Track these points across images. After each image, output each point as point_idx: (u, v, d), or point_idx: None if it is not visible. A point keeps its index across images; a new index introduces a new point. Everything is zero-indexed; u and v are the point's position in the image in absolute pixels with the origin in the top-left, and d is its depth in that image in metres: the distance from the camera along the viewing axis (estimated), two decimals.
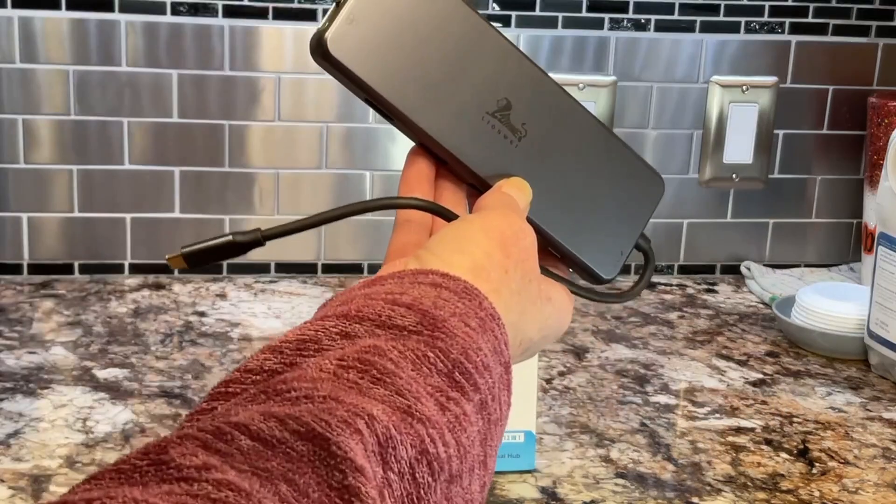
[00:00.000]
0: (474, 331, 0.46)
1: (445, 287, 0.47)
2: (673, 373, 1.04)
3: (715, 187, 1.33)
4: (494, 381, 0.46)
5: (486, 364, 0.45)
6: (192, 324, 1.11)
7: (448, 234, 0.52)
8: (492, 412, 0.45)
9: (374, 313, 0.45)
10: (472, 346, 0.45)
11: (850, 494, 0.82)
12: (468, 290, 0.48)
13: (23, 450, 0.83)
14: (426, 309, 0.45)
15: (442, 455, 0.40)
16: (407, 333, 0.44)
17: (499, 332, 0.48)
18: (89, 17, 1.18)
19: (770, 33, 1.30)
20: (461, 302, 0.47)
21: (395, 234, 0.56)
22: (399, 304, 0.45)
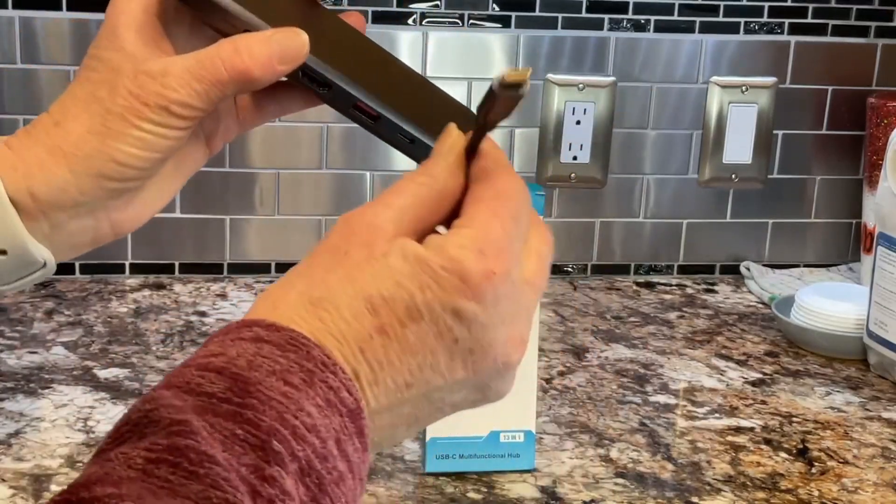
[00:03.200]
0: (296, 389, 0.41)
1: (268, 340, 0.43)
2: (672, 372, 1.04)
3: (714, 187, 1.33)
4: (327, 439, 0.41)
5: (309, 425, 0.41)
6: (192, 324, 1.11)
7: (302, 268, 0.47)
8: (324, 473, 0.41)
9: (183, 381, 0.41)
10: (290, 409, 0.41)
11: (849, 494, 0.82)
12: (293, 341, 0.43)
13: (24, 449, 0.83)
14: (238, 372, 0.41)
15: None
16: (216, 402, 0.40)
17: (334, 381, 0.43)
18: (90, 17, 1.18)
19: (769, 34, 1.30)
20: (284, 356, 0.42)
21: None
22: (210, 368, 0.41)
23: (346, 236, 0.47)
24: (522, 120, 1.27)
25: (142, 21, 0.56)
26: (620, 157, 1.30)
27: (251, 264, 1.26)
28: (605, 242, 1.32)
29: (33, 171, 0.54)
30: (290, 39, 0.54)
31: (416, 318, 0.45)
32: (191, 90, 0.54)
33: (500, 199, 0.48)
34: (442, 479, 0.81)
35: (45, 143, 0.55)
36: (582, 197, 1.30)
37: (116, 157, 0.54)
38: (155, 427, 0.39)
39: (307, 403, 0.41)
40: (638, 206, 1.31)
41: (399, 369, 0.45)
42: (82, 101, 0.55)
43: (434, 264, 0.45)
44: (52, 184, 0.55)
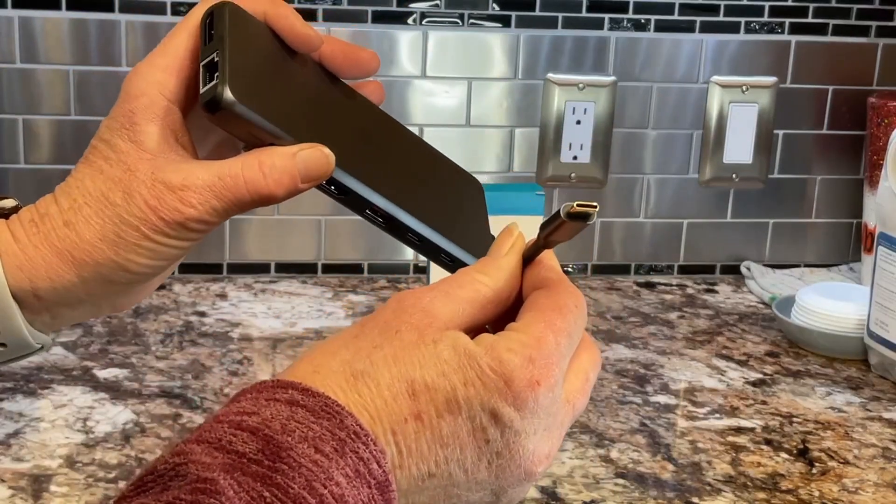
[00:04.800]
0: (327, 457, 0.41)
1: (303, 405, 0.43)
2: (673, 373, 1.04)
3: (715, 187, 1.33)
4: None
5: (337, 495, 0.41)
6: (192, 324, 1.11)
7: (348, 338, 0.47)
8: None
9: (215, 437, 0.41)
10: (319, 478, 0.40)
11: (849, 494, 0.82)
12: (328, 408, 0.43)
13: (23, 450, 0.83)
14: (271, 434, 0.41)
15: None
16: (246, 462, 0.40)
17: (365, 451, 0.42)
18: (89, 17, 1.18)
19: (770, 33, 1.30)
20: (317, 423, 0.42)
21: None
22: (243, 427, 0.41)
23: (399, 316, 0.46)
24: (522, 120, 1.27)
25: (161, 109, 0.53)
26: (621, 157, 1.30)
27: (250, 264, 1.26)
28: (606, 242, 1.32)
29: (40, 273, 0.53)
30: (315, 159, 0.52)
31: (453, 412, 0.45)
32: (209, 207, 0.52)
33: (559, 313, 0.48)
34: None
35: (55, 245, 0.53)
36: (582, 197, 1.30)
37: (126, 266, 0.53)
38: (181, 481, 0.38)
39: (337, 473, 0.41)
40: (638, 205, 1.31)
41: (426, 458, 0.45)
42: (95, 201, 0.53)
43: (482, 362, 0.45)
44: (59, 287, 0.53)
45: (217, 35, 0.52)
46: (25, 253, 0.53)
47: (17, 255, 0.53)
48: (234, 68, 0.51)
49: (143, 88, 0.54)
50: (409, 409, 0.44)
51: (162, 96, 0.53)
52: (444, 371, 0.45)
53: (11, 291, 0.53)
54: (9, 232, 0.53)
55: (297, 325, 1.12)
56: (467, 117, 1.26)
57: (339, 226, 1.27)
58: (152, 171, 0.52)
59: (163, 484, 0.38)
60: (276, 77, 0.54)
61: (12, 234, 0.53)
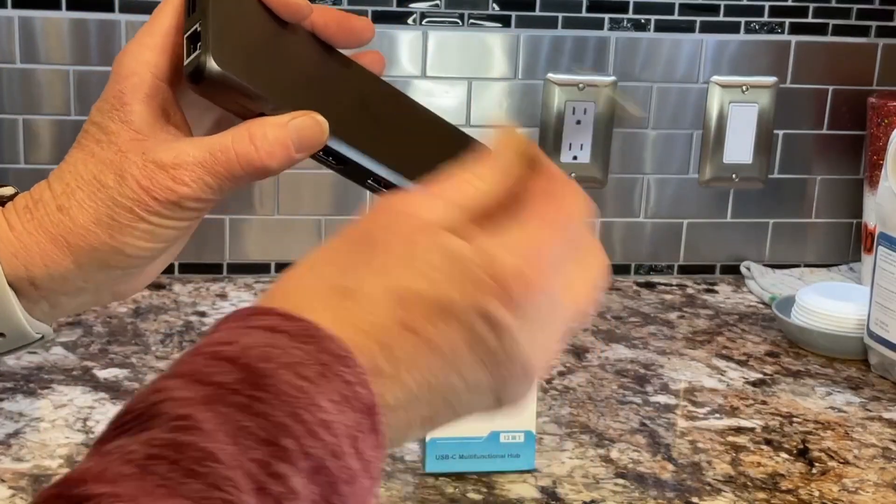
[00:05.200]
0: (311, 382, 0.39)
1: (282, 330, 0.41)
2: (673, 373, 1.04)
3: (715, 187, 1.33)
4: (340, 435, 0.39)
5: (323, 421, 0.39)
6: (192, 324, 1.11)
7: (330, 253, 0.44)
8: (337, 473, 0.39)
9: (192, 369, 0.39)
10: (302, 404, 0.39)
11: (849, 494, 0.82)
12: (308, 331, 0.41)
13: (23, 450, 0.83)
14: (249, 362, 0.39)
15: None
16: (226, 392, 0.38)
17: (350, 374, 0.40)
18: (89, 17, 1.18)
19: (770, 33, 1.30)
20: (298, 348, 0.40)
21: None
22: (221, 356, 0.39)
23: (385, 224, 0.44)
24: (522, 120, 1.27)
25: (151, 87, 0.53)
26: (620, 157, 1.30)
27: (251, 264, 1.26)
28: (606, 242, 1.32)
29: (35, 260, 0.52)
30: (308, 127, 0.51)
31: (446, 318, 0.43)
32: (202, 184, 0.51)
33: (559, 210, 0.46)
34: (442, 480, 0.81)
35: (49, 231, 0.52)
36: None
37: (123, 250, 0.52)
38: (158, 420, 0.37)
39: (321, 398, 0.39)
40: (638, 205, 1.31)
41: (421, 368, 0.43)
42: (87, 184, 0.52)
43: (473, 264, 0.43)
44: (55, 274, 0.53)
45: (200, 6, 0.51)
46: (20, 240, 0.53)
47: (11, 243, 0.53)
48: (216, 37, 0.50)
49: (132, 68, 0.53)
50: (399, 319, 0.42)
51: (152, 75, 0.53)
52: (435, 278, 0.42)
53: (7, 280, 0.52)
54: (3, 219, 0.53)
55: None
56: (467, 117, 1.26)
57: (339, 226, 1.26)
58: (143, 151, 0.51)
59: (141, 423, 0.37)
60: (265, 46, 0.53)
61: (7, 222, 0.53)
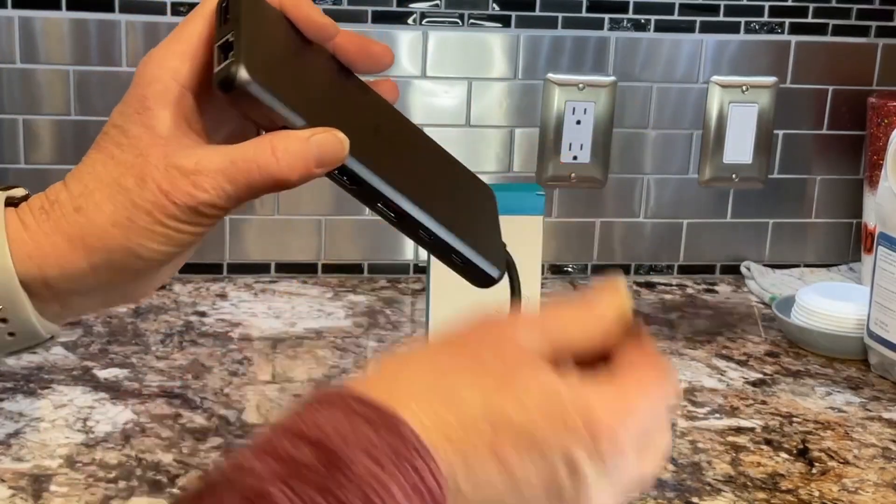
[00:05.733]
0: (384, 469, 0.40)
1: (362, 415, 0.41)
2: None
3: (715, 187, 1.33)
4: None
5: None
6: (192, 324, 1.11)
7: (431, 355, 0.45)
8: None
9: (271, 447, 0.40)
10: (376, 491, 0.39)
11: (849, 494, 0.82)
12: (386, 419, 0.41)
13: (23, 450, 0.83)
14: (328, 444, 0.40)
15: None
16: (303, 470, 0.39)
17: (422, 464, 0.41)
18: (89, 17, 1.18)
19: (770, 33, 1.30)
20: (376, 434, 0.40)
21: None
22: (301, 436, 0.40)
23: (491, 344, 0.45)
24: (522, 120, 1.27)
25: (174, 94, 0.53)
26: (620, 157, 1.30)
27: (251, 264, 1.26)
28: (606, 242, 1.32)
29: (50, 260, 0.52)
30: (329, 143, 0.52)
31: (532, 453, 0.42)
32: (221, 192, 0.51)
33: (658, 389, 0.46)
34: None
35: (66, 231, 0.52)
36: (582, 197, 1.30)
37: (139, 253, 0.52)
38: (232, 492, 0.38)
39: (394, 486, 0.40)
40: (638, 206, 1.31)
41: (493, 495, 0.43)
42: (106, 186, 0.52)
43: (570, 405, 0.43)
44: (69, 274, 0.53)
45: (233, 17, 0.52)
46: (35, 240, 0.52)
47: (26, 243, 0.52)
48: (249, 48, 0.51)
49: (156, 74, 0.53)
50: (486, 440, 0.42)
51: (176, 82, 0.53)
52: (530, 409, 0.43)
53: (21, 280, 0.52)
54: (18, 220, 0.53)
55: (297, 325, 1.12)
56: (467, 117, 1.26)
57: (339, 226, 1.27)
58: (165, 155, 0.52)
59: (216, 496, 0.38)
60: (291, 62, 0.54)
61: (22, 222, 0.53)
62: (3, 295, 0.52)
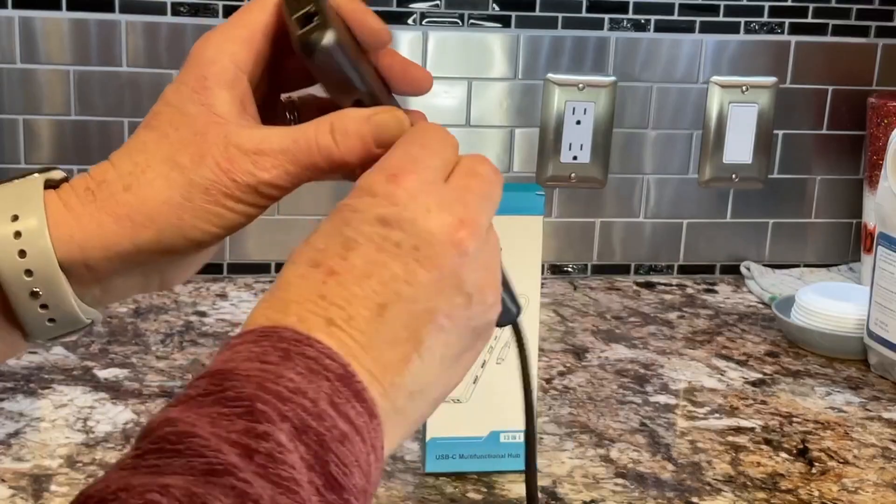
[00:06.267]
0: (274, 364, 0.42)
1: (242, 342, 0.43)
2: (673, 373, 1.04)
3: (714, 187, 1.33)
4: (317, 399, 0.41)
5: (293, 388, 0.41)
6: (192, 324, 1.11)
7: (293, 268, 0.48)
8: (323, 432, 0.40)
9: (174, 400, 0.42)
10: (269, 378, 0.41)
11: (849, 494, 0.82)
12: (264, 332, 0.44)
13: (23, 449, 0.83)
14: (216, 369, 0.42)
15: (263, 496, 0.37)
16: (199, 398, 0.40)
17: (311, 351, 0.43)
18: (90, 17, 1.18)
19: (770, 33, 1.30)
20: (257, 345, 0.43)
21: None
22: (194, 379, 0.43)
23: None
24: (522, 120, 1.27)
25: (233, 77, 0.53)
26: (620, 157, 1.30)
27: (251, 264, 1.26)
28: (605, 242, 1.32)
29: (93, 241, 0.52)
30: (390, 122, 0.52)
31: (352, 247, 0.46)
32: (283, 172, 0.51)
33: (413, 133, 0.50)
34: (442, 479, 0.81)
35: (113, 211, 0.52)
36: (582, 197, 1.30)
37: (188, 233, 0.52)
38: (167, 445, 0.39)
39: (288, 372, 0.41)
40: (638, 206, 1.31)
41: (364, 296, 0.45)
42: (160, 163, 0.52)
43: (348, 200, 0.47)
44: (113, 255, 0.52)
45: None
46: (79, 221, 0.52)
47: (69, 225, 0.52)
48: (332, 18, 0.52)
49: (215, 56, 0.53)
50: (320, 274, 0.45)
51: (234, 65, 0.53)
52: (326, 230, 0.47)
53: (61, 263, 0.52)
54: (60, 202, 0.52)
55: None
56: (467, 117, 1.26)
57: None
58: (225, 134, 0.52)
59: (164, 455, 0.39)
60: (357, 51, 0.54)
61: (65, 204, 0.52)
62: (42, 279, 0.51)
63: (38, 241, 0.51)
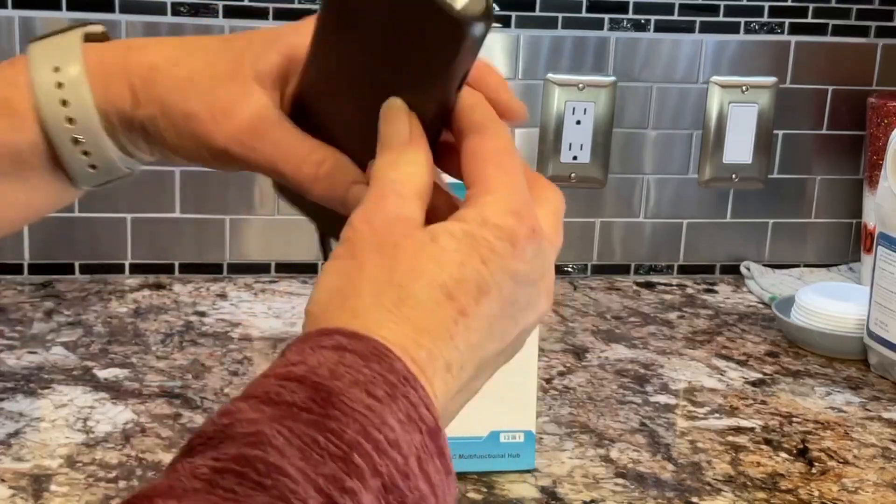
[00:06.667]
0: (380, 401, 0.40)
1: (350, 350, 0.42)
2: (673, 373, 1.04)
3: (714, 187, 1.33)
4: (408, 456, 0.40)
5: (392, 440, 0.40)
6: (192, 324, 1.11)
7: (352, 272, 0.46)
8: (406, 492, 0.39)
9: (262, 391, 0.40)
10: (373, 423, 0.39)
11: (849, 494, 0.82)
12: (377, 351, 0.42)
13: (23, 450, 0.83)
14: (319, 381, 0.40)
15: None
16: (297, 410, 0.39)
17: (415, 396, 0.42)
18: (90, 17, 1.18)
19: (770, 33, 1.30)
20: (367, 366, 0.41)
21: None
22: (291, 377, 0.40)
23: (381, 234, 0.46)
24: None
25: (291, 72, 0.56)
26: (620, 157, 1.30)
27: (251, 264, 1.26)
28: (605, 242, 1.32)
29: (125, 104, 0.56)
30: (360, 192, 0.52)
31: (486, 293, 0.45)
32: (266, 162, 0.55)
33: (504, 154, 0.49)
34: None
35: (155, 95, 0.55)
36: (582, 197, 1.30)
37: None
38: (228, 439, 0.38)
39: (390, 417, 0.40)
40: (638, 206, 1.31)
41: (481, 349, 0.46)
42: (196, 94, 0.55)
43: (486, 235, 0.46)
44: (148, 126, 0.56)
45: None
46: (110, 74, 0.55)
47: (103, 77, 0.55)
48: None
49: (296, 48, 0.56)
50: (453, 310, 0.45)
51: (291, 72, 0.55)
52: (461, 261, 0.45)
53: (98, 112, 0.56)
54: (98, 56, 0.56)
55: (298, 324, 1.12)
56: None
57: None
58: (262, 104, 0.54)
59: (211, 445, 0.38)
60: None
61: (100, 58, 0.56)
62: (83, 127, 0.55)
63: (78, 90, 0.55)
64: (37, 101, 0.55)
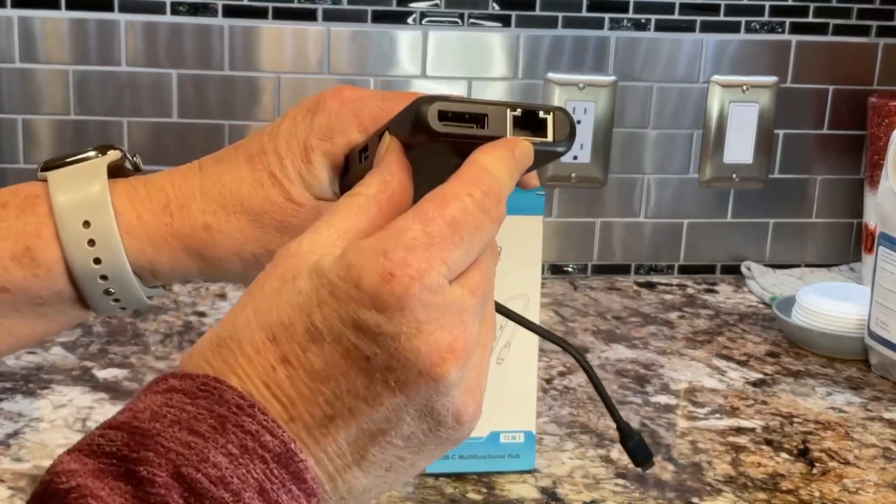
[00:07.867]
0: (202, 437, 0.37)
1: (179, 389, 0.39)
2: (673, 373, 1.03)
3: (715, 187, 1.33)
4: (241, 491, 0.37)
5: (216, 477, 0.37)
6: (191, 324, 1.11)
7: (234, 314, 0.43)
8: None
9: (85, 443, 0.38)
10: (191, 461, 0.37)
11: (850, 494, 0.82)
12: (205, 386, 0.39)
13: (22, 450, 0.83)
14: (138, 425, 0.38)
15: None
16: (116, 462, 0.37)
17: (252, 424, 0.38)
18: (89, 16, 1.18)
19: (770, 33, 1.30)
20: (193, 403, 0.38)
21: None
22: (113, 425, 0.38)
23: (268, 268, 0.42)
24: None
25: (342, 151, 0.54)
26: (621, 157, 1.30)
27: None
28: (606, 242, 1.32)
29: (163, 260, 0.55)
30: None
31: (316, 340, 0.40)
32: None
33: (437, 203, 0.41)
34: (442, 480, 0.81)
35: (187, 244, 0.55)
36: (582, 197, 1.30)
37: (250, 277, 0.51)
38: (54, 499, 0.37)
39: (214, 452, 0.37)
40: (638, 205, 1.31)
41: (314, 401, 0.40)
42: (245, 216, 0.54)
43: (332, 275, 0.40)
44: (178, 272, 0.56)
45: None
46: (151, 239, 0.55)
47: (140, 238, 0.55)
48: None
49: (344, 127, 0.54)
50: (274, 356, 0.40)
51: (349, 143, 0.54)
52: (299, 302, 0.40)
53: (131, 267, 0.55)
54: (132, 209, 0.55)
55: None
56: None
57: None
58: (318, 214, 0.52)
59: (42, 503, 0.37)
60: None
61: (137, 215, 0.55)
62: (115, 281, 0.55)
63: (110, 245, 0.54)
64: (67, 257, 0.54)
